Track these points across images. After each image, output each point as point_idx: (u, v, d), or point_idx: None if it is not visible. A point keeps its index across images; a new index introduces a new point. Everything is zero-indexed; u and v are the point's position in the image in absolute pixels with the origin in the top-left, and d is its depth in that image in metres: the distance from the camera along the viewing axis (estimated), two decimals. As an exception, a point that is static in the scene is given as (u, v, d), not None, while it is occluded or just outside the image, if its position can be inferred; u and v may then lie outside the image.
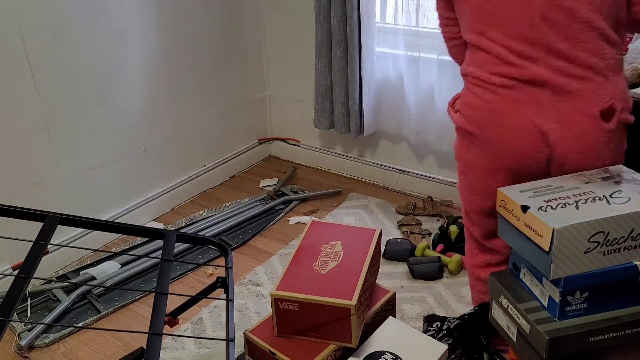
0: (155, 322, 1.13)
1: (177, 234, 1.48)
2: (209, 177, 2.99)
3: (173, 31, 2.61)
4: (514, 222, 1.32)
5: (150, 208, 2.70)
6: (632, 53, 1.89)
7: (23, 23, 2.05)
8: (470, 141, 1.49)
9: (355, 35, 2.56)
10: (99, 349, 1.97)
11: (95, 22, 2.28)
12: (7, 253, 2.17)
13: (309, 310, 1.48)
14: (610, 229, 1.21)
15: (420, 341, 1.52)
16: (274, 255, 2.42)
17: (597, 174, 1.37)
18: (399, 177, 2.89)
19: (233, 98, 3.01)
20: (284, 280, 1.54)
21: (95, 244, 2.48)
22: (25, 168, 2.18)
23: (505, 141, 1.42)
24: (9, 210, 1.33)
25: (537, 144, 1.39)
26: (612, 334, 1.27)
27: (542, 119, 1.37)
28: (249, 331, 1.59)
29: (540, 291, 1.32)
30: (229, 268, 1.44)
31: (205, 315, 2.09)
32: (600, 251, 1.23)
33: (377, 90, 2.71)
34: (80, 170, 2.38)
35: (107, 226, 1.48)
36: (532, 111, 1.37)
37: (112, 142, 2.47)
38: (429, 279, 2.21)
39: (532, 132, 1.38)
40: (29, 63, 2.10)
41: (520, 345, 1.35)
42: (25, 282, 1.13)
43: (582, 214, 1.22)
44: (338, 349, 1.52)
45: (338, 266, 1.59)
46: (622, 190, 1.29)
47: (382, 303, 1.68)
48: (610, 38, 1.36)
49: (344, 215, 2.69)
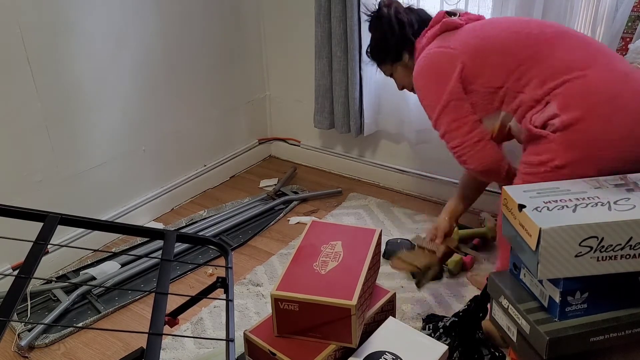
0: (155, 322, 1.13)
1: (177, 234, 1.48)
2: (209, 177, 2.98)
3: (173, 31, 2.60)
4: (512, 220, 1.32)
5: (150, 208, 2.70)
6: (632, 53, 1.89)
7: (23, 23, 2.05)
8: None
9: (355, 35, 2.56)
10: (99, 349, 1.97)
11: (95, 22, 2.28)
12: (7, 253, 2.17)
13: (309, 311, 1.48)
14: (605, 235, 1.20)
15: (420, 341, 1.52)
16: (274, 255, 2.42)
17: (611, 180, 1.36)
18: (399, 177, 2.89)
19: (233, 98, 3.01)
20: (284, 280, 1.54)
21: (95, 244, 2.48)
22: (25, 168, 2.18)
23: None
24: (9, 210, 1.33)
25: None
26: (612, 335, 1.27)
27: None
28: (249, 331, 1.59)
29: (540, 291, 1.32)
30: (229, 268, 1.44)
31: (205, 315, 2.09)
32: (593, 257, 1.22)
33: (377, 90, 2.71)
34: (80, 170, 2.38)
35: (107, 226, 1.48)
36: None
37: (112, 142, 2.47)
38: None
39: None
40: (29, 63, 2.10)
41: (521, 345, 1.35)
42: (25, 282, 1.13)
43: (577, 217, 1.21)
44: (338, 349, 1.52)
45: (338, 266, 1.59)
46: (631, 198, 1.27)
47: (382, 303, 1.68)
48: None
49: (344, 215, 2.69)
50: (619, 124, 1.41)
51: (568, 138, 1.45)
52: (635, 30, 1.96)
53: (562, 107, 1.46)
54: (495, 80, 1.60)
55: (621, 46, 1.98)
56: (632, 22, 1.96)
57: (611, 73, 1.47)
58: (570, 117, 1.44)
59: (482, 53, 1.63)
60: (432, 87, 1.70)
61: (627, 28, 1.97)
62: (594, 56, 1.51)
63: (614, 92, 1.44)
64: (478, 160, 1.68)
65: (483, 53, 1.62)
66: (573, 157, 1.44)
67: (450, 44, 1.68)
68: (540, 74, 1.52)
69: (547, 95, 1.50)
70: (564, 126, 1.45)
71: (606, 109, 1.42)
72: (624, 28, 1.97)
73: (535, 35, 1.58)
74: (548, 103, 1.50)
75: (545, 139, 1.49)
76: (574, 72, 1.48)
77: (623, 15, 1.97)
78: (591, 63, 1.48)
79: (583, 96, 1.44)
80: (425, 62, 1.72)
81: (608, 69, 1.48)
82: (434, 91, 1.70)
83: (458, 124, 1.67)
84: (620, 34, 1.98)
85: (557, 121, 1.46)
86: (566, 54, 1.52)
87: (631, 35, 1.97)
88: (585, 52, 1.52)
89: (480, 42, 1.64)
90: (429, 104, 1.74)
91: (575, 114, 1.43)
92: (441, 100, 1.68)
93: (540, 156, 1.50)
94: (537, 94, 1.52)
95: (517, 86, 1.57)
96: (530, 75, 1.54)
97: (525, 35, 1.59)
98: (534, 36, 1.58)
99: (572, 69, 1.48)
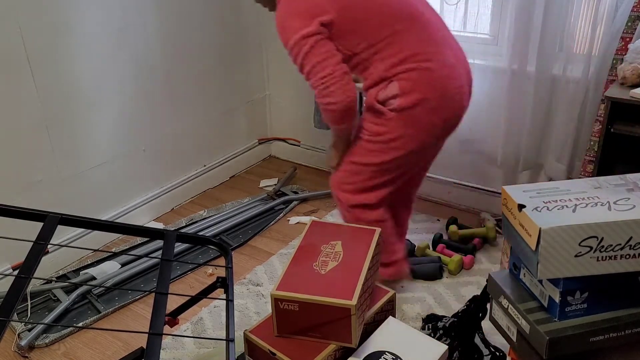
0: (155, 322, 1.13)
1: (177, 234, 1.48)
2: (209, 177, 2.99)
3: (173, 31, 2.60)
4: (512, 220, 1.32)
5: (150, 208, 2.70)
6: (632, 53, 1.89)
7: (23, 23, 2.05)
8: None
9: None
10: (99, 349, 1.97)
11: (95, 22, 2.28)
12: (7, 253, 2.17)
13: (309, 310, 1.48)
14: (605, 235, 1.20)
15: (420, 341, 1.52)
16: (274, 255, 2.42)
17: (611, 180, 1.36)
18: (399, 177, 2.89)
19: (233, 98, 3.01)
20: (284, 280, 1.54)
21: (95, 244, 2.48)
22: (25, 168, 2.18)
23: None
24: (9, 210, 1.33)
25: None
26: (612, 335, 1.27)
27: None
28: (249, 331, 1.59)
29: (540, 291, 1.32)
30: (229, 268, 1.44)
31: (205, 315, 2.09)
32: (593, 256, 1.21)
33: (377, 90, 2.71)
34: (80, 170, 2.38)
35: (107, 226, 1.48)
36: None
37: (112, 142, 2.47)
38: (429, 279, 2.21)
39: None
40: (29, 63, 2.10)
41: (520, 345, 1.35)
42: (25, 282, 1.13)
43: (577, 217, 1.21)
44: (338, 349, 1.52)
45: (338, 266, 1.59)
46: (631, 198, 1.27)
47: (382, 303, 1.68)
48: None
49: (344, 215, 2.68)
50: (441, 116, 1.75)
51: (402, 118, 1.73)
52: (635, 30, 1.96)
53: (403, 91, 1.70)
54: (355, 47, 1.72)
55: (621, 46, 1.98)
56: (632, 22, 1.96)
57: (449, 70, 1.73)
58: (408, 102, 1.70)
59: (351, 15, 1.70)
60: (301, 16, 1.69)
61: (627, 28, 1.97)
62: (441, 49, 1.73)
63: (446, 88, 1.73)
64: (345, 93, 1.71)
65: (352, 15, 1.70)
66: (404, 132, 1.75)
67: None
68: (393, 56, 1.70)
69: (394, 76, 1.71)
70: (401, 108, 1.71)
71: (435, 102, 1.72)
72: (624, 28, 1.97)
73: (399, 13, 1.71)
74: (391, 81, 1.71)
75: (384, 115, 1.74)
76: (421, 62, 1.70)
77: (623, 15, 1.97)
78: (437, 56, 1.71)
79: (422, 85, 1.70)
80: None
81: (448, 64, 1.73)
82: (302, 18, 1.69)
83: (329, 55, 1.70)
84: (620, 34, 1.98)
85: (396, 102, 1.71)
86: (419, 42, 1.71)
87: (631, 35, 1.97)
88: (435, 43, 1.73)
89: (354, 2, 1.71)
90: (291, 30, 1.70)
91: (412, 100, 1.70)
92: (309, 33, 1.68)
93: (378, 127, 1.76)
94: (385, 73, 1.72)
95: (371, 58, 1.72)
96: (384, 54, 1.71)
97: (393, 11, 1.71)
98: (398, 14, 1.71)
99: (419, 59, 1.70)
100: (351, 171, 1.88)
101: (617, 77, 1.92)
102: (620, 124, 1.86)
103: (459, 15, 2.40)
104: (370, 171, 1.84)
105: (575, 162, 2.29)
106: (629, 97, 1.80)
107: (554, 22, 2.14)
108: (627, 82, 1.87)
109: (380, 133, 1.77)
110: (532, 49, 2.21)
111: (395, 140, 1.76)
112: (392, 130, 1.75)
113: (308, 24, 1.68)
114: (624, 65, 1.90)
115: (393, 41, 1.71)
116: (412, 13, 1.74)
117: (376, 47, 1.72)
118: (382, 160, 1.81)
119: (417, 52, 1.71)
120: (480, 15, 2.40)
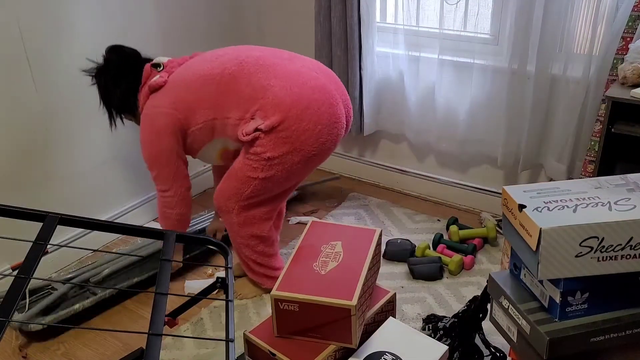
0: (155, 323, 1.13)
1: (176, 234, 1.48)
2: (209, 177, 2.98)
3: (173, 31, 2.60)
4: (512, 220, 1.32)
5: (150, 208, 2.70)
6: (633, 53, 1.89)
7: (23, 23, 2.05)
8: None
9: (355, 35, 2.56)
10: (98, 349, 1.97)
11: (95, 22, 2.28)
12: (7, 253, 2.16)
13: (309, 311, 1.48)
14: (606, 235, 1.19)
15: (421, 341, 1.52)
16: (274, 256, 2.42)
17: (612, 180, 1.36)
18: (399, 177, 2.89)
19: (233, 98, 3.01)
20: (284, 281, 1.54)
21: (95, 244, 2.48)
22: (25, 168, 2.18)
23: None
24: (9, 210, 1.33)
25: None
26: (612, 335, 1.27)
27: None
28: (249, 332, 1.59)
29: (540, 292, 1.32)
30: (228, 268, 1.44)
31: (205, 315, 2.09)
32: (593, 257, 1.21)
33: (377, 90, 2.71)
34: (80, 170, 2.38)
35: (107, 226, 1.48)
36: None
37: (112, 142, 2.47)
38: (429, 279, 2.21)
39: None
40: (29, 63, 2.10)
41: (521, 345, 1.35)
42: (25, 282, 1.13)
43: (577, 217, 1.21)
44: (338, 349, 1.52)
45: (338, 266, 1.58)
46: (631, 198, 1.27)
47: (382, 303, 1.68)
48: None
49: (344, 215, 2.69)
50: (308, 118, 1.83)
51: (275, 137, 1.83)
52: (636, 30, 1.95)
53: (264, 118, 1.83)
54: (205, 116, 1.91)
55: (622, 46, 1.98)
56: (632, 22, 1.95)
57: (289, 83, 1.85)
58: (273, 122, 1.82)
59: (186, 100, 1.92)
60: (153, 143, 1.97)
61: (627, 28, 1.97)
62: (273, 75, 1.87)
63: (296, 98, 1.83)
64: (187, 206, 2.08)
65: (188, 100, 1.91)
66: (282, 151, 1.84)
67: (162, 104, 1.94)
68: (239, 105, 1.87)
69: (251, 115, 1.86)
70: (269, 129, 1.82)
71: (295, 111, 1.82)
72: (625, 28, 1.97)
73: (220, 72, 1.90)
74: (252, 119, 1.86)
75: (258, 139, 1.84)
76: (263, 94, 1.84)
77: (623, 15, 1.97)
78: (272, 83, 1.85)
79: (276, 106, 1.82)
80: (144, 121, 1.99)
81: (287, 83, 1.85)
82: (154, 146, 1.97)
83: (172, 174, 2.02)
84: (621, 34, 1.98)
85: (263, 126, 1.82)
86: (251, 83, 1.86)
87: (631, 35, 1.96)
88: (266, 73, 1.88)
89: (184, 93, 1.92)
90: (148, 157, 2.02)
91: (275, 119, 1.82)
92: (158, 153, 1.98)
93: (256, 148, 1.86)
94: (242, 116, 1.87)
95: (224, 116, 1.89)
96: (230, 106, 1.88)
97: (214, 74, 1.90)
98: (221, 72, 1.90)
99: (261, 94, 1.85)
100: (232, 179, 1.98)
101: (618, 77, 1.91)
102: (620, 124, 1.86)
103: (459, 15, 2.40)
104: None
105: (575, 162, 2.29)
106: (629, 97, 1.80)
107: (554, 22, 2.14)
108: (627, 82, 1.87)
109: (259, 153, 1.87)
110: (532, 49, 2.21)
111: (274, 159, 1.87)
112: (269, 149, 1.85)
113: (157, 145, 1.99)
114: (624, 65, 1.90)
115: (229, 94, 1.88)
116: (229, 69, 1.90)
117: (219, 107, 1.90)
118: (266, 175, 1.91)
119: (256, 90, 1.86)
120: (480, 15, 2.40)
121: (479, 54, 2.38)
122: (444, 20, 2.43)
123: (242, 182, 1.92)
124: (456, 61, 2.45)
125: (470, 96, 2.45)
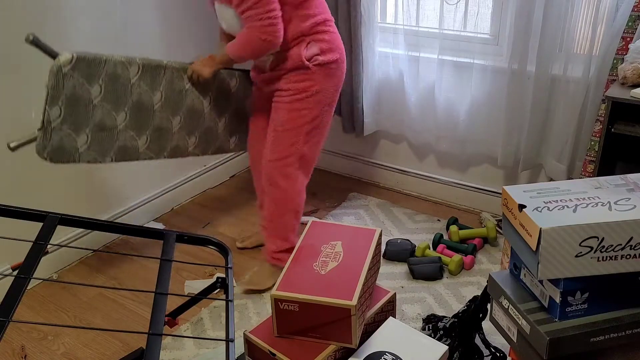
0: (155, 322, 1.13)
1: (176, 234, 1.48)
2: (209, 177, 2.98)
3: (173, 30, 2.60)
4: (512, 220, 1.32)
5: (150, 208, 2.70)
6: (633, 53, 1.89)
7: (23, 23, 2.05)
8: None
9: (358, 36, 2.56)
10: (98, 349, 1.97)
11: (95, 22, 2.27)
12: (7, 253, 2.16)
13: (309, 311, 1.48)
14: (606, 235, 1.19)
15: (421, 341, 1.52)
16: (274, 256, 2.41)
17: (612, 180, 1.36)
18: (399, 177, 2.89)
19: (233, 98, 3.01)
20: (284, 281, 1.54)
21: (95, 244, 2.48)
22: (25, 168, 2.18)
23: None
24: (9, 210, 1.33)
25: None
26: (612, 335, 1.27)
27: None
28: (249, 331, 1.59)
29: (540, 292, 1.32)
30: (228, 268, 1.44)
31: (205, 315, 2.09)
32: (593, 257, 1.21)
33: (378, 89, 2.71)
34: (80, 170, 2.38)
35: (107, 226, 1.48)
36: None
37: (112, 142, 2.47)
38: (429, 279, 2.21)
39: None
40: (29, 62, 2.09)
41: (521, 345, 1.35)
42: (25, 283, 1.13)
43: (577, 217, 1.21)
44: (338, 349, 1.52)
45: (338, 266, 1.58)
46: (631, 198, 1.27)
47: (382, 303, 1.68)
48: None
49: (344, 215, 2.68)
50: (342, 77, 2.09)
51: (325, 71, 2.01)
52: (636, 30, 1.95)
53: (323, 51, 1.99)
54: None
55: (622, 46, 1.98)
56: (632, 22, 1.95)
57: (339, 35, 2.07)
58: (329, 58, 2.00)
59: None
60: None
61: (627, 28, 1.97)
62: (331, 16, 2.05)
63: (344, 54, 2.08)
64: (280, 31, 1.92)
65: None
66: (327, 84, 2.02)
67: None
68: (312, 17, 1.95)
69: (312, 35, 1.97)
70: (325, 63, 2.00)
71: (343, 64, 2.08)
72: (624, 28, 1.97)
73: None
74: (309, 43, 1.98)
75: (309, 70, 1.98)
76: (329, 26, 2.01)
77: (623, 15, 1.97)
78: (332, 22, 2.05)
79: (336, 45, 2.03)
80: None
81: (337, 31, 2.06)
82: None
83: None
84: (621, 33, 1.98)
85: (320, 59, 1.98)
86: (327, 9, 2.02)
87: (631, 35, 1.96)
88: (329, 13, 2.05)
89: None
90: None
91: (332, 56, 2.01)
92: None
93: (303, 83, 2.00)
94: (307, 31, 1.96)
95: (293, 12, 1.93)
96: (303, 13, 1.94)
97: None
98: None
99: (327, 23, 2.01)
100: (283, 139, 2.06)
101: (618, 77, 1.91)
102: (620, 124, 1.86)
103: (459, 15, 2.40)
104: (304, 132, 2.05)
105: (575, 162, 2.29)
106: (629, 97, 1.80)
107: (554, 22, 2.14)
108: (627, 82, 1.87)
109: (306, 89, 2.00)
110: (532, 49, 2.21)
111: (319, 93, 2.01)
112: (317, 83, 2.00)
113: None
114: (624, 65, 1.90)
115: (311, 1, 1.96)
116: None
117: (298, 2, 1.93)
118: (314, 115, 2.04)
119: (328, 18, 2.02)
120: (480, 15, 2.40)
121: (479, 54, 2.38)
122: (443, 20, 2.43)
123: (294, 133, 2.03)
124: (456, 61, 2.45)
125: (470, 96, 2.45)
